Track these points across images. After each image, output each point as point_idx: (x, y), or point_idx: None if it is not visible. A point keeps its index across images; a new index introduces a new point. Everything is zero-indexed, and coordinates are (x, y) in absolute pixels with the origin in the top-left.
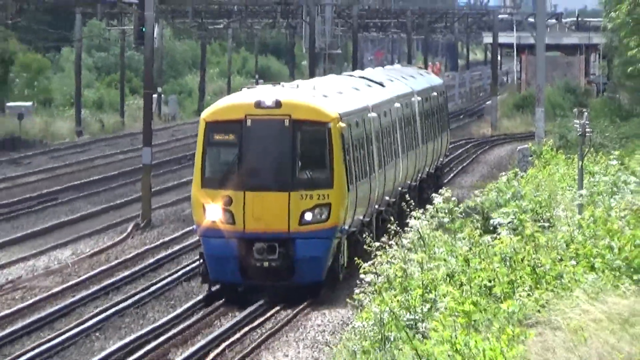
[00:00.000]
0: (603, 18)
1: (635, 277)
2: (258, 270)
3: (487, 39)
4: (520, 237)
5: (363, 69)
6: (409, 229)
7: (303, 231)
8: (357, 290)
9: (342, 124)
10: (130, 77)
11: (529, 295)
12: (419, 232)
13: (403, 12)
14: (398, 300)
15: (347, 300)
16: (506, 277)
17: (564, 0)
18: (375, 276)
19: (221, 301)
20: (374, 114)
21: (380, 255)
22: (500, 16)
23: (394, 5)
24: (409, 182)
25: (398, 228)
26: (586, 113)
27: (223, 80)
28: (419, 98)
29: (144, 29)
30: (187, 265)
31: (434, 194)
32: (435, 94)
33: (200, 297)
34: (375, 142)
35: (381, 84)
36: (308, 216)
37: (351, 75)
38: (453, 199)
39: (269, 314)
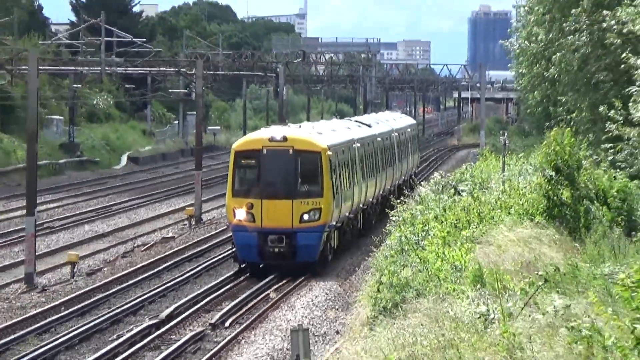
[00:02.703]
0: (515, 83)
1: (530, 219)
2: (271, 254)
3: (455, 94)
4: (472, 197)
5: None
6: (417, 192)
7: (302, 227)
8: (387, 225)
9: (330, 152)
10: (271, 114)
11: (476, 227)
12: (420, 195)
13: (412, 80)
14: (410, 230)
15: (383, 229)
16: (465, 217)
17: (496, 74)
18: (398, 217)
19: None
20: (358, 145)
21: (400, 206)
22: (462, 83)
23: (407, 77)
24: (388, 187)
25: (409, 192)
26: (506, 133)
27: (318, 117)
28: (396, 133)
29: (278, 89)
30: None
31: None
32: (409, 130)
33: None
34: (359, 164)
35: (369, 125)
36: (305, 217)
37: (349, 119)
38: (438, 177)
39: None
